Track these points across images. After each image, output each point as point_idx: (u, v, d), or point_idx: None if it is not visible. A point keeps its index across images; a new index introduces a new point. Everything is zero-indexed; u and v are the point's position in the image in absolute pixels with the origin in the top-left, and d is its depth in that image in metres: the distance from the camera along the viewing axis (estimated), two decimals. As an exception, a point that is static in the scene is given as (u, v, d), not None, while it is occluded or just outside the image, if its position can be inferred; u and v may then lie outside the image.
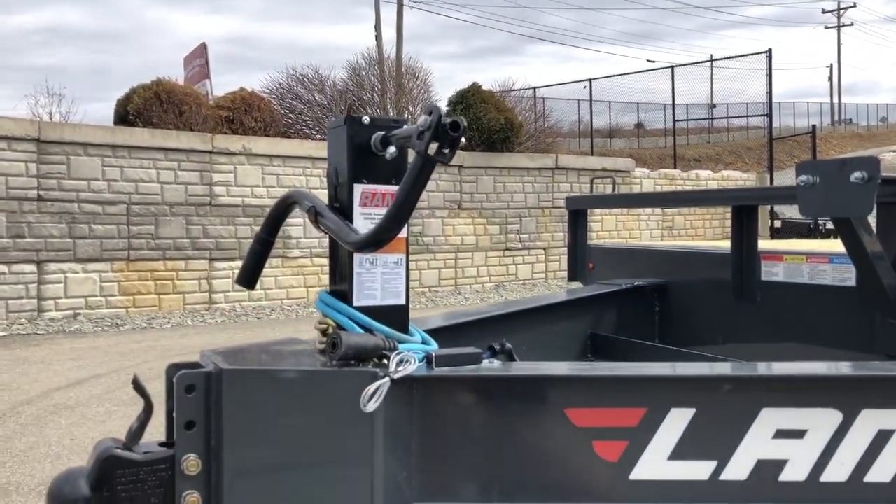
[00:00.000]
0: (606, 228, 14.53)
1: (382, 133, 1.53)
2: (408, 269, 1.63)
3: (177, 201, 10.32)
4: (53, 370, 6.52)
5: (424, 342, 1.63)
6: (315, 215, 1.61)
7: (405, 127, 1.50)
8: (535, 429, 1.45)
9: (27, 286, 9.30)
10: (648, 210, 14.95)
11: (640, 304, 3.08)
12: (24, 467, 4.00)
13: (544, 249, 14.10)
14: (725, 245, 2.98)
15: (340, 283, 1.64)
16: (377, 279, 1.60)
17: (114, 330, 9.02)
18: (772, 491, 1.43)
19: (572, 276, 3.54)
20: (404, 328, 1.62)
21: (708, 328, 2.99)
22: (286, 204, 1.72)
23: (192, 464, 1.38)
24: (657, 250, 3.42)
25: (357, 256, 1.57)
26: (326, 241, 1.67)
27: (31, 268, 9.32)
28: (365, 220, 1.59)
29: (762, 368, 1.49)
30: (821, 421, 1.42)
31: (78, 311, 9.56)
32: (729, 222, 2.81)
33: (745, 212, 2.84)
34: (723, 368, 1.50)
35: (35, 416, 5.03)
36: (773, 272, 2.78)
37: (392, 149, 1.52)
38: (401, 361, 1.42)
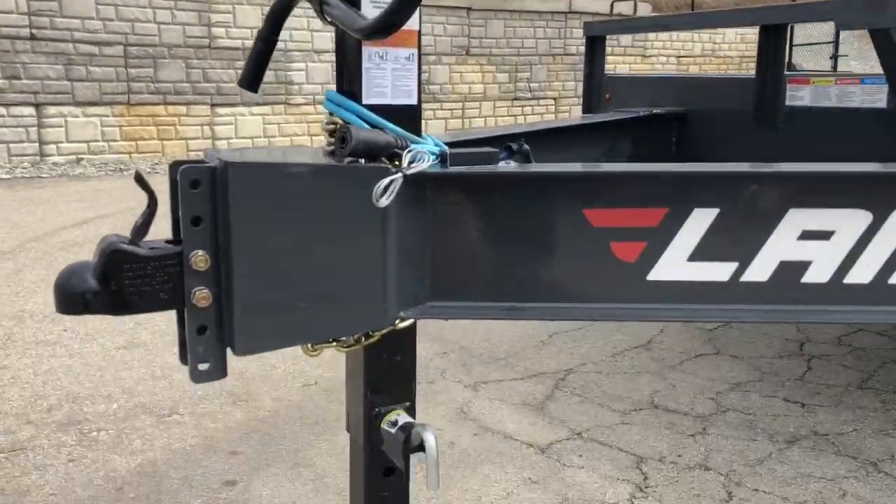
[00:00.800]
0: (617, 78, 14.11)
1: None
2: (419, 69, 1.53)
3: (175, 43, 9.98)
4: (59, 210, 6.53)
5: (436, 144, 1.56)
6: (319, 4, 1.49)
7: None
8: (552, 229, 1.40)
9: (27, 129, 9.17)
10: (662, 59, 14.46)
11: (657, 133, 2.98)
12: (36, 297, 4.06)
13: (554, 99, 13.79)
14: (749, 74, 2.85)
15: (349, 84, 1.55)
16: (387, 76, 1.51)
17: (117, 174, 8.98)
18: (793, 293, 1.40)
19: (587, 108, 3.42)
20: (416, 130, 1.54)
21: (728, 157, 2.91)
22: None
23: (200, 259, 1.34)
24: (677, 77, 3.28)
25: (366, 50, 1.47)
26: (331, 87, 1.57)
27: (30, 110, 9.15)
28: (374, 9, 1.48)
29: (791, 167, 1.42)
30: (849, 222, 1.37)
31: (80, 156, 9.47)
32: (746, 71, 2.67)
33: (772, 33, 2.69)
34: (750, 167, 1.43)
35: (44, 251, 5.07)
36: (798, 96, 2.67)
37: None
38: (414, 158, 1.36)
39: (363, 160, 1.38)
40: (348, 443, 1.69)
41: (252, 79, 1.73)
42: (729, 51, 14.67)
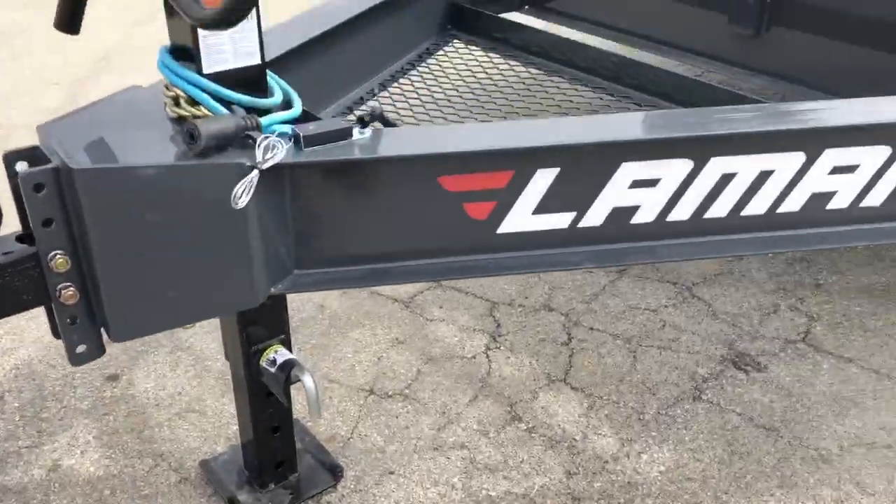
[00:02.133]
0: None
1: None
2: (260, 22, 1.46)
3: None
4: None
5: (286, 98, 1.54)
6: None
7: None
8: (410, 199, 1.47)
9: None
10: None
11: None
12: None
13: None
14: None
15: (183, 37, 1.46)
16: (226, 41, 1.44)
17: None
18: (623, 233, 1.56)
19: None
20: (263, 89, 1.51)
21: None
22: None
23: (60, 263, 1.35)
24: None
25: (201, 16, 1.38)
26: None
27: None
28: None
29: (623, 131, 1.52)
30: (673, 170, 1.52)
31: None
32: None
33: None
34: (587, 132, 1.52)
35: None
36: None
37: None
38: (268, 148, 1.35)
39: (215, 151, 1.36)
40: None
41: (70, 19, 1.59)
42: None
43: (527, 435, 2.14)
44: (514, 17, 2.90)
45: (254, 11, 1.43)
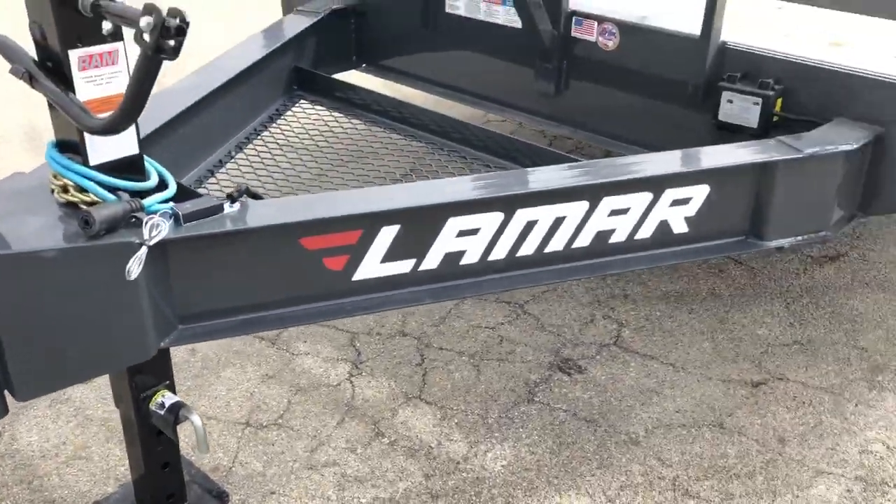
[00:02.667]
0: None
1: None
2: (136, 122, 1.70)
3: None
4: None
5: (161, 179, 1.79)
6: (31, 80, 1.59)
7: (118, 2, 1.47)
8: (276, 259, 1.76)
9: None
10: None
11: (338, 29, 3.26)
12: None
13: None
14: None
15: (68, 134, 1.68)
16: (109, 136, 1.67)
17: None
18: (454, 273, 1.93)
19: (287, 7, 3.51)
20: (141, 173, 1.75)
21: (400, 51, 3.29)
22: None
23: (-31, 338, 1.53)
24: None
25: (86, 115, 1.61)
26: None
27: None
28: (88, 84, 1.61)
29: (448, 194, 1.89)
30: (489, 221, 1.90)
31: None
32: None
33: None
34: (419, 196, 1.87)
35: None
36: (455, 5, 3.08)
37: (108, 26, 1.51)
38: (153, 227, 1.60)
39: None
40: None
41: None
42: None
43: (389, 448, 2.46)
44: (356, 76, 3.24)
45: (132, 114, 1.68)
